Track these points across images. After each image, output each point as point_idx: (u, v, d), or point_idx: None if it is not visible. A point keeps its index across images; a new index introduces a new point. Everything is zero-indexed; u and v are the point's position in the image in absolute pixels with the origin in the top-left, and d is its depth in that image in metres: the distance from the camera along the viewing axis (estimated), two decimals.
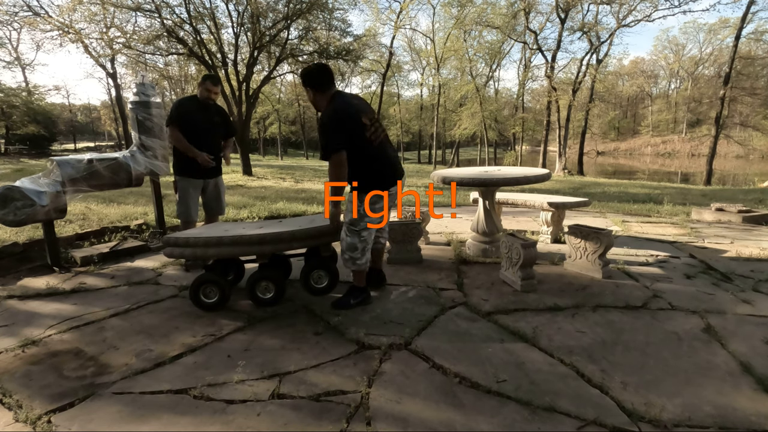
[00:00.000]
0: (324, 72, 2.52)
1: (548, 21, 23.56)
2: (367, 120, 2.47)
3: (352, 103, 2.49)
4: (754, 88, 25.01)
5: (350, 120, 2.42)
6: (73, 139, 43.91)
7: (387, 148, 2.61)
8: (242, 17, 13.02)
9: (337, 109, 2.43)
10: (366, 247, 2.62)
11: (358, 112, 2.45)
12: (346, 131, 2.40)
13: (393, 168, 2.62)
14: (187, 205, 3.47)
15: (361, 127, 2.44)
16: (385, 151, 2.59)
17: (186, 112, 3.37)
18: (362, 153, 2.47)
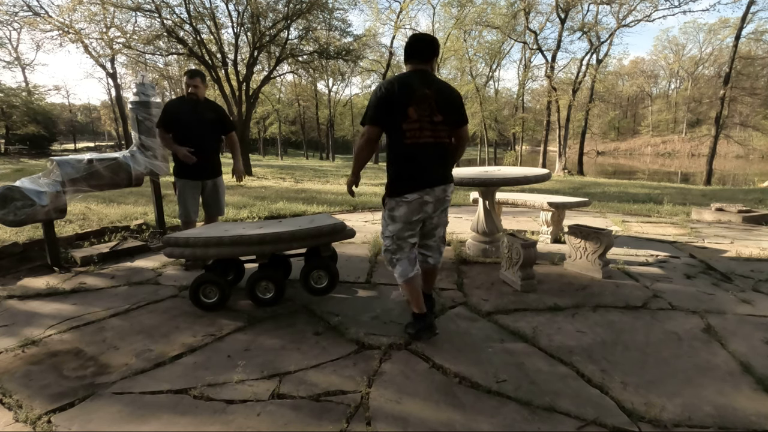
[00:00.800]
0: (413, 42, 2.19)
1: (548, 21, 23.57)
2: (415, 112, 2.08)
3: (408, 84, 2.09)
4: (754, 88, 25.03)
5: (388, 101, 2.07)
6: (73, 139, 43.91)
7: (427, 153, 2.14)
8: (242, 17, 13.03)
9: (385, 82, 2.12)
10: (393, 259, 2.27)
11: (407, 97, 2.06)
12: (384, 110, 2.08)
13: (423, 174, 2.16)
14: (186, 206, 3.45)
15: (401, 116, 2.08)
16: (422, 155, 2.13)
17: (173, 112, 3.34)
18: (393, 145, 2.18)
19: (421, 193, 2.16)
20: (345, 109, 43.67)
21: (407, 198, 2.17)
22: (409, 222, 2.21)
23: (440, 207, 2.27)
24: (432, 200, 2.20)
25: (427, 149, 2.15)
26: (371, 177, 14.03)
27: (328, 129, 39.52)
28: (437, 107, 2.13)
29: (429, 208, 2.21)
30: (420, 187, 2.16)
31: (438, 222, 2.34)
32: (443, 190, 2.23)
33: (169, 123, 3.34)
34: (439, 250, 2.43)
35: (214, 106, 3.59)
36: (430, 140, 2.14)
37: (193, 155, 3.35)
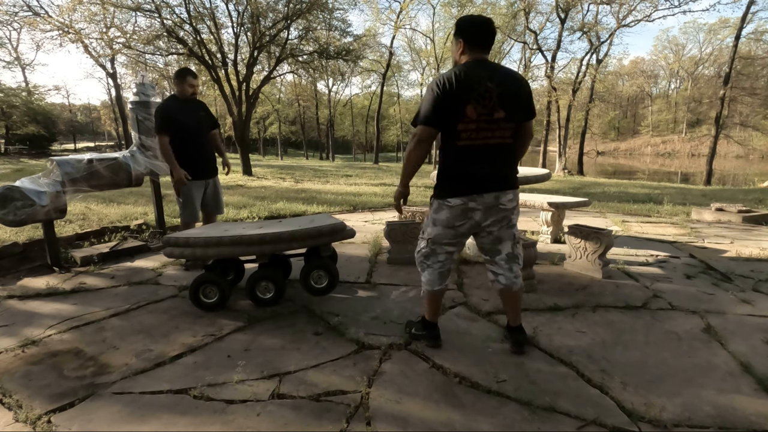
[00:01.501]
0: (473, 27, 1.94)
1: (548, 21, 23.57)
2: (474, 111, 1.85)
3: (468, 78, 1.85)
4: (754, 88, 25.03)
5: (444, 99, 1.85)
6: (73, 139, 43.91)
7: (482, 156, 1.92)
8: (242, 17, 13.02)
9: (441, 76, 1.89)
10: (424, 263, 2.14)
11: (467, 94, 1.84)
12: (439, 109, 1.87)
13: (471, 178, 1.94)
14: (194, 208, 3.43)
15: (457, 115, 1.86)
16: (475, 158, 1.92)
17: (173, 115, 3.26)
18: (445, 144, 1.96)
19: (465, 199, 1.94)
20: (345, 109, 43.69)
21: (449, 202, 1.97)
22: (450, 227, 2.00)
23: (494, 216, 1.98)
24: (480, 208, 1.95)
25: (482, 152, 1.91)
26: (371, 177, 14.03)
27: (328, 129, 39.53)
28: (499, 102, 1.86)
29: (477, 216, 1.97)
30: (465, 192, 1.94)
31: (500, 236, 2.03)
32: (495, 198, 1.95)
33: (173, 127, 3.27)
34: (510, 269, 2.08)
35: (201, 103, 3.56)
36: (487, 142, 1.90)
37: (197, 155, 3.36)
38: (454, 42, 2.00)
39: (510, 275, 2.08)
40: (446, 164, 1.99)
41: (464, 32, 1.94)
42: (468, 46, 1.93)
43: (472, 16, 1.98)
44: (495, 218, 1.99)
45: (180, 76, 3.31)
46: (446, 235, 2.04)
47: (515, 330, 2.14)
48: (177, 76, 3.32)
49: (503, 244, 2.07)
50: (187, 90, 3.32)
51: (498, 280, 2.11)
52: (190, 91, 3.33)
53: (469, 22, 1.95)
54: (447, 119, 1.89)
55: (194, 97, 3.39)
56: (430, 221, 2.09)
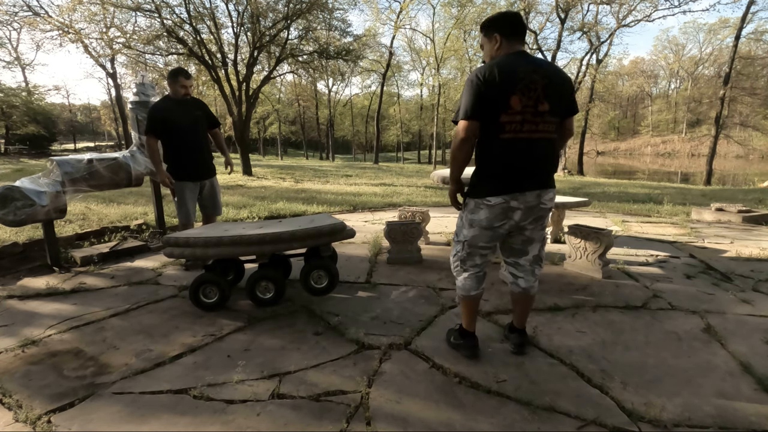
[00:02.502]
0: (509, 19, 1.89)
1: (548, 21, 23.56)
2: (519, 103, 1.76)
3: (512, 69, 1.78)
4: (754, 88, 25.01)
5: (487, 90, 1.77)
6: (73, 139, 43.93)
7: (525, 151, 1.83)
8: (242, 17, 13.02)
9: (483, 67, 1.82)
10: (460, 267, 2.05)
11: (512, 85, 1.76)
12: (482, 101, 1.78)
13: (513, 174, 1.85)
14: (188, 209, 3.40)
15: (501, 107, 1.77)
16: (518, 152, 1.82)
17: (164, 116, 3.23)
18: (486, 138, 1.85)
19: (507, 197, 1.85)
20: (345, 109, 43.71)
21: (489, 201, 1.87)
22: (489, 228, 1.91)
23: (532, 217, 1.90)
24: (521, 207, 1.86)
25: (525, 146, 1.82)
26: (371, 177, 14.03)
27: (328, 129, 39.53)
28: (544, 95, 1.78)
29: (516, 215, 1.88)
30: (507, 190, 1.85)
31: (531, 236, 1.96)
32: (537, 196, 1.86)
33: (163, 128, 3.23)
34: (532, 272, 2.02)
35: (199, 102, 3.51)
36: (531, 136, 1.80)
37: (192, 156, 3.34)
38: (486, 40, 1.92)
39: (531, 279, 2.03)
40: (486, 160, 1.88)
41: (499, 26, 1.88)
42: (505, 38, 1.87)
43: (499, 12, 1.94)
44: (533, 218, 1.91)
45: (172, 76, 3.27)
46: (484, 237, 1.94)
47: (519, 332, 2.12)
48: (169, 76, 3.28)
49: (533, 245, 1.99)
50: (179, 91, 3.27)
51: (517, 283, 2.04)
52: (183, 92, 3.28)
53: (501, 16, 1.90)
54: (490, 111, 1.79)
55: (188, 96, 3.34)
56: (465, 222, 1.98)
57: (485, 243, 1.96)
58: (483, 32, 1.95)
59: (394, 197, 7.93)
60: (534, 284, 2.05)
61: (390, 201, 7.35)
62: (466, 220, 1.98)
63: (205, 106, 3.55)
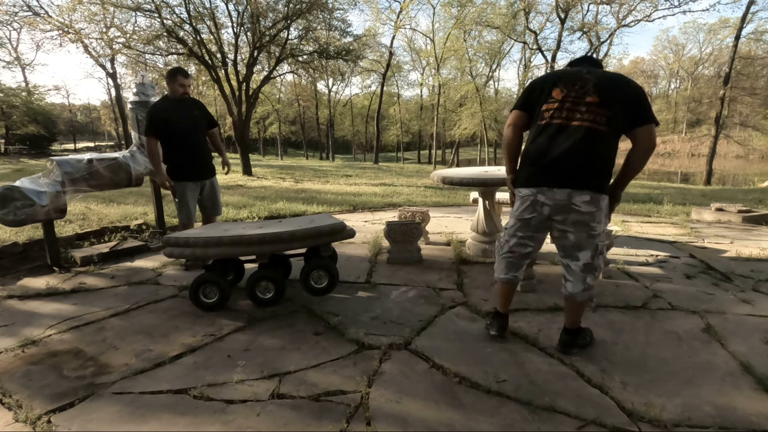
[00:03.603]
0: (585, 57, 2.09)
1: (548, 21, 23.59)
2: (560, 93, 1.84)
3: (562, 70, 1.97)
4: (754, 88, 25.00)
5: (534, 85, 1.99)
6: (73, 139, 43.92)
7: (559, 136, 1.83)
8: (242, 17, 13.02)
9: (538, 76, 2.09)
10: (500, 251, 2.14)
11: (556, 78, 1.90)
12: (528, 94, 1.98)
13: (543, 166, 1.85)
14: (189, 209, 3.40)
15: (544, 96, 1.89)
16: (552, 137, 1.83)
17: (163, 116, 3.22)
18: (531, 127, 2.00)
19: (534, 191, 1.87)
20: (345, 109, 43.71)
21: (520, 192, 1.97)
22: (521, 219, 1.99)
23: (567, 217, 1.85)
24: (549, 203, 1.84)
25: (562, 132, 1.80)
26: (371, 177, 14.03)
27: (328, 129, 39.54)
28: (594, 89, 1.79)
29: (546, 210, 1.87)
30: (535, 183, 1.86)
31: (578, 242, 1.89)
32: (568, 196, 1.80)
33: (162, 128, 3.23)
34: (583, 279, 1.94)
35: (197, 102, 3.51)
36: (571, 122, 1.78)
37: (191, 156, 3.34)
38: None
39: (579, 286, 1.95)
40: (525, 149, 2.00)
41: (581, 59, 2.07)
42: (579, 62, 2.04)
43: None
44: (569, 219, 1.86)
45: (171, 75, 3.26)
46: (518, 227, 2.03)
47: (567, 331, 2.09)
48: (168, 76, 3.27)
49: (582, 252, 1.91)
50: (178, 90, 3.26)
51: (565, 286, 2.02)
52: (181, 90, 3.27)
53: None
54: (534, 102, 1.95)
55: (186, 96, 3.33)
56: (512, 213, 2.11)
57: (521, 233, 2.04)
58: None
59: (394, 197, 7.92)
60: (582, 292, 1.96)
61: (390, 201, 7.35)
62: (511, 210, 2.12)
63: (203, 106, 3.55)
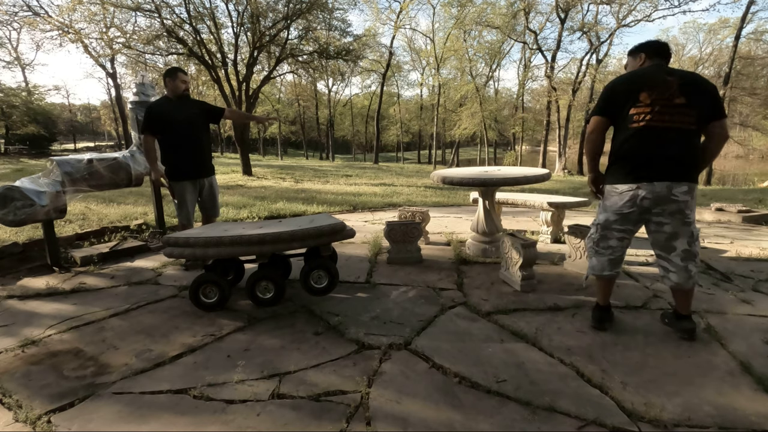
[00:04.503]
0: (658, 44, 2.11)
1: (548, 21, 23.59)
2: (648, 97, 1.92)
3: (643, 73, 2.01)
4: (754, 88, 24.98)
5: (616, 91, 2.02)
6: (73, 139, 43.91)
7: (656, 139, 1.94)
8: (242, 17, 13.02)
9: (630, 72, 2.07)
10: (593, 248, 2.23)
11: (640, 83, 1.96)
12: (611, 100, 2.03)
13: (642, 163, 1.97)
14: (188, 210, 3.39)
15: (630, 102, 1.95)
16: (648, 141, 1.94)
17: (160, 113, 3.22)
18: (618, 131, 2.04)
19: (634, 186, 1.96)
20: (345, 109, 43.71)
21: (617, 189, 2.05)
22: (620, 214, 2.07)
23: (667, 209, 1.96)
24: (650, 196, 1.95)
25: (657, 134, 1.91)
26: (371, 177, 14.03)
27: (328, 129, 39.54)
28: (680, 91, 1.91)
29: (645, 203, 1.98)
30: (634, 179, 1.96)
31: (675, 231, 2.01)
32: (668, 188, 1.92)
33: (160, 125, 3.22)
34: (685, 268, 2.04)
35: (197, 101, 3.51)
36: (664, 124, 1.90)
37: (189, 153, 3.32)
38: (632, 60, 2.17)
39: (684, 275, 2.06)
40: (616, 149, 2.04)
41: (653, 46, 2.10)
42: (648, 56, 2.09)
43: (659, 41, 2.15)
44: (667, 210, 1.96)
45: (171, 74, 3.26)
46: (614, 222, 2.11)
47: (685, 318, 2.19)
48: (168, 74, 3.27)
49: (679, 240, 2.04)
50: (180, 87, 3.26)
51: (669, 277, 2.10)
52: (183, 87, 3.27)
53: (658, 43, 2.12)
54: (618, 107, 2.00)
55: (187, 93, 3.33)
56: (601, 207, 2.19)
57: (618, 227, 2.12)
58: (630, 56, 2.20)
59: (394, 197, 7.93)
60: (689, 280, 2.08)
61: (390, 201, 7.35)
62: (601, 205, 2.19)
63: (203, 103, 3.55)
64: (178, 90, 3.27)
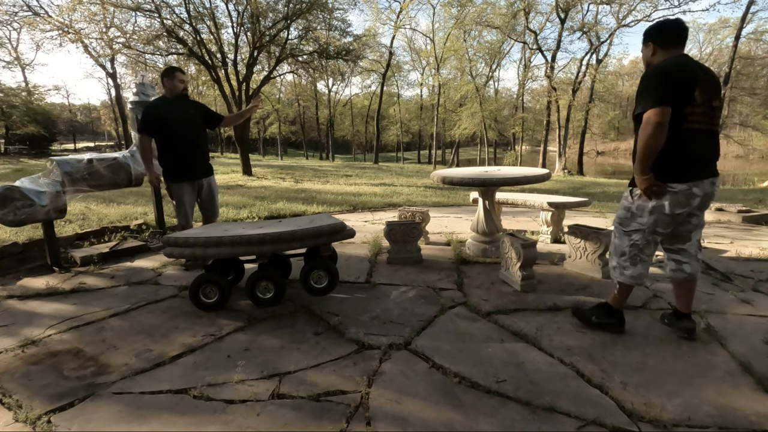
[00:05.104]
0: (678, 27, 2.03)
1: (548, 21, 23.60)
2: (700, 96, 1.91)
3: (689, 67, 1.94)
4: (754, 88, 24.99)
5: (675, 81, 1.90)
6: (73, 139, 43.89)
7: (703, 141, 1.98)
8: (242, 17, 13.02)
9: (667, 63, 1.95)
10: (638, 256, 2.15)
11: (693, 80, 1.91)
12: (673, 89, 1.89)
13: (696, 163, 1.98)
14: (186, 211, 3.37)
15: (686, 98, 1.91)
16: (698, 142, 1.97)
17: (157, 112, 3.20)
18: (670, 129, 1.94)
19: (690, 185, 1.96)
20: (345, 109, 43.72)
21: (674, 188, 1.98)
22: (671, 215, 2.01)
23: (706, 203, 2.05)
24: (700, 194, 1.99)
25: (703, 136, 1.97)
26: (371, 177, 14.03)
27: (328, 129, 39.54)
28: (715, 91, 1.97)
29: (695, 202, 1.99)
30: (691, 177, 1.97)
31: (698, 222, 2.10)
32: (711, 183, 2.01)
33: (156, 125, 3.20)
34: (696, 257, 2.15)
35: (195, 102, 3.50)
36: (707, 127, 1.97)
37: (187, 153, 3.29)
38: (644, 48, 2.13)
39: (695, 264, 2.16)
40: (669, 149, 1.95)
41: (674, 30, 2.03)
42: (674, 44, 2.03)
43: (675, 19, 2.07)
44: (704, 204, 2.04)
45: (168, 73, 3.24)
46: (663, 222, 2.05)
47: (684, 317, 2.22)
48: (165, 74, 3.25)
49: (696, 231, 2.13)
50: (178, 86, 3.24)
51: (683, 269, 2.15)
52: (181, 86, 3.25)
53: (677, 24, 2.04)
54: (676, 102, 1.91)
55: (186, 92, 3.32)
56: (643, 211, 2.07)
57: (663, 229, 2.07)
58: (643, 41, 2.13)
59: (394, 197, 7.93)
60: (698, 268, 2.17)
61: (390, 201, 7.35)
62: (642, 208, 2.07)
63: (201, 105, 3.53)
64: (176, 90, 3.25)
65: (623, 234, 2.18)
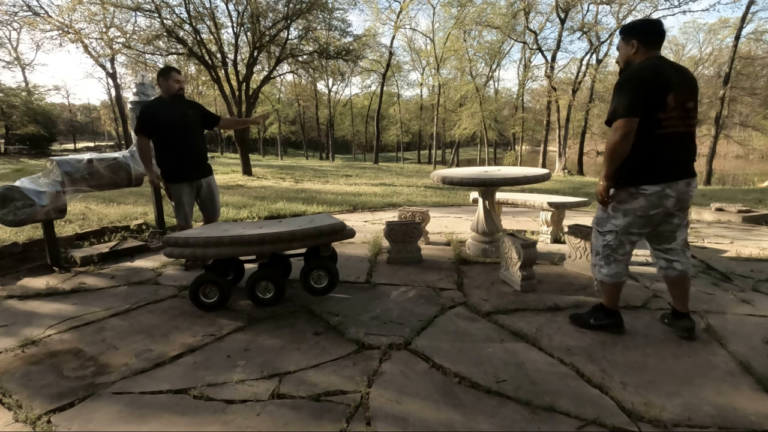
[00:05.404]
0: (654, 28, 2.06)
1: (548, 21, 23.60)
2: (673, 100, 1.94)
3: (664, 71, 1.95)
4: (753, 88, 24.95)
5: (648, 89, 1.93)
6: (73, 139, 43.89)
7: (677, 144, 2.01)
8: (242, 17, 13.01)
9: (643, 68, 1.97)
10: (611, 256, 2.19)
11: (667, 85, 1.93)
12: (644, 99, 1.93)
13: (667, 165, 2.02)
14: (185, 212, 3.35)
15: (657, 105, 1.94)
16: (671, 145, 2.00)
17: (154, 113, 3.18)
18: (644, 133, 1.98)
19: (663, 186, 2.01)
20: (345, 109, 43.72)
21: (646, 190, 2.03)
22: (644, 217, 2.06)
23: (683, 204, 2.08)
24: (674, 195, 2.03)
25: (677, 139, 2.00)
26: (371, 177, 14.03)
27: (328, 129, 39.54)
28: (690, 93, 2.01)
29: (669, 203, 2.04)
30: (663, 179, 2.01)
31: (680, 222, 2.15)
32: (687, 184, 2.05)
33: (154, 126, 3.19)
34: (684, 254, 2.19)
35: (192, 102, 3.48)
36: (681, 130, 2.00)
37: (184, 153, 3.27)
38: (624, 44, 2.12)
39: (685, 261, 2.19)
40: (642, 153, 2.01)
41: (651, 31, 2.05)
42: (652, 44, 2.05)
43: (652, 19, 2.11)
44: (682, 205, 2.09)
45: (164, 73, 3.21)
46: (637, 224, 2.11)
47: (684, 316, 2.23)
48: (161, 74, 3.22)
49: (680, 230, 2.17)
50: (174, 86, 3.22)
51: (673, 266, 2.19)
52: (176, 86, 3.23)
53: (655, 24, 2.07)
54: (648, 109, 1.95)
55: (182, 92, 3.30)
56: (617, 212, 2.14)
57: (638, 230, 2.13)
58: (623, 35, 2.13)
59: (394, 197, 7.93)
60: (690, 266, 2.20)
61: (390, 201, 7.35)
62: (617, 210, 2.14)
63: (199, 105, 3.51)
64: (172, 90, 3.23)
65: (598, 234, 2.25)
